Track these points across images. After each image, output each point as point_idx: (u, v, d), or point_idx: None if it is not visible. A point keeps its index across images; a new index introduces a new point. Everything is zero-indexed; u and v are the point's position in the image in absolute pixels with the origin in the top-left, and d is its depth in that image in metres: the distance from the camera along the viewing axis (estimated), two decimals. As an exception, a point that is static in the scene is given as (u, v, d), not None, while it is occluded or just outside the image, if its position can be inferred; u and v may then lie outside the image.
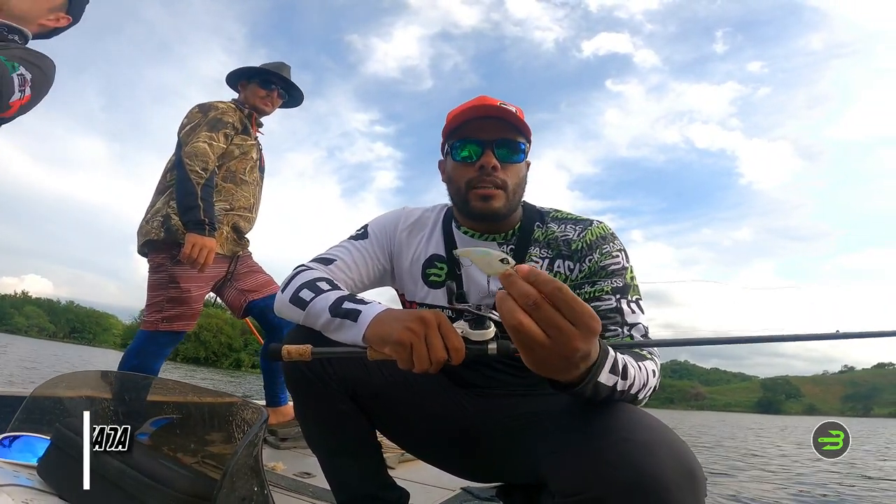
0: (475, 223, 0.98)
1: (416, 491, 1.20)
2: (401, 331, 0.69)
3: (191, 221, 1.70)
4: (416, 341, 0.67)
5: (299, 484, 1.40)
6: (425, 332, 0.68)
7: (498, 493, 1.07)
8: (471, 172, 0.91)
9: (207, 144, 1.78)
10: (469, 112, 0.91)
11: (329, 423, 0.97)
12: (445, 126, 0.96)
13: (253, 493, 0.84)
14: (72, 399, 1.05)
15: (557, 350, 0.54)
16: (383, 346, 0.71)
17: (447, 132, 0.95)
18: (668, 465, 0.59)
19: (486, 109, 0.90)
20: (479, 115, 0.91)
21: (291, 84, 2.07)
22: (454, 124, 0.93)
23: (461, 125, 0.93)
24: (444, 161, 1.00)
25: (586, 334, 0.54)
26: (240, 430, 0.96)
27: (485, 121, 0.91)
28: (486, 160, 0.90)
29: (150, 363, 1.81)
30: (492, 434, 0.95)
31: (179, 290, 1.81)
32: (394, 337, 0.69)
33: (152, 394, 1.08)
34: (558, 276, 0.94)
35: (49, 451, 0.97)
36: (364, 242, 1.02)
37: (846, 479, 4.67)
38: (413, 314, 0.71)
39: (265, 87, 2.01)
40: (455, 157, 0.93)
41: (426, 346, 0.68)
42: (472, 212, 0.93)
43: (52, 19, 1.21)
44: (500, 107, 0.89)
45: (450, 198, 1.00)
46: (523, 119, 0.91)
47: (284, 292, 0.90)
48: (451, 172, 0.96)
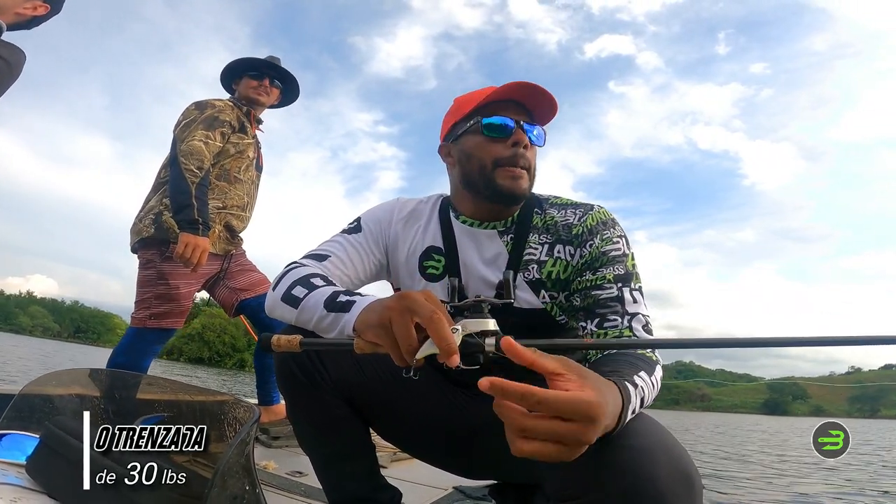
0: (482, 203, 0.95)
1: (408, 490, 1.19)
2: (382, 311, 0.64)
3: (184, 220, 1.69)
4: (394, 316, 0.61)
5: (291, 483, 1.39)
6: (406, 304, 0.61)
7: (490, 492, 1.07)
8: (500, 150, 0.89)
9: (203, 143, 1.77)
10: (511, 90, 0.89)
11: (322, 426, 0.96)
12: (472, 101, 0.92)
13: (244, 491, 0.84)
14: (61, 397, 1.05)
15: (576, 449, 0.51)
16: (368, 331, 0.66)
17: (477, 106, 0.91)
18: (665, 469, 0.58)
19: (530, 89, 0.88)
20: (523, 94, 0.89)
21: (284, 72, 2.05)
22: (492, 98, 0.90)
23: (495, 102, 0.90)
24: (459, 141, 0.95)
25: (587, 423, 0.50)
26: (231, 429, 0.95)
27: (518, 104, 0.91)
28: (520, 137, 0.89)
29: (139, 361, 1.79)
30: (489, 433, 0.94)
31: (168, 286, 1.79)
32: (375, 319, 0.65)
33: (143, 392, 1.08)
34: (559, 262, 0.91)
35: (38, 450, 0.96)
36: (358, 236, 0.99)
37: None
38: (397, 293, 0.66)
39: (257, 77, 2.00)
40: (485, 133, 0.90)
41: (408, 321, 0.60)
42: (498, 190, 0.89)
43: (29, 7, 1.18)
44: (542, 89, 0.88)
45: (460, 178, 0.96)
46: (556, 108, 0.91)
47: (276, 290, 0.86)
48: (472, 149, 0.92)
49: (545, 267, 0.92)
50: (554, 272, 0.91)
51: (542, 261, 0.92)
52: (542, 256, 0.92)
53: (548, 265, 0.92)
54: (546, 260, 0.92)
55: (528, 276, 0.92)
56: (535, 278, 0.91)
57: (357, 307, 0.72)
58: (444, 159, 1.00)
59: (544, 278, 0.91)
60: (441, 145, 1.00)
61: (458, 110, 0.95)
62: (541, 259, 0.92)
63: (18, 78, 1.12)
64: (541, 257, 0.92)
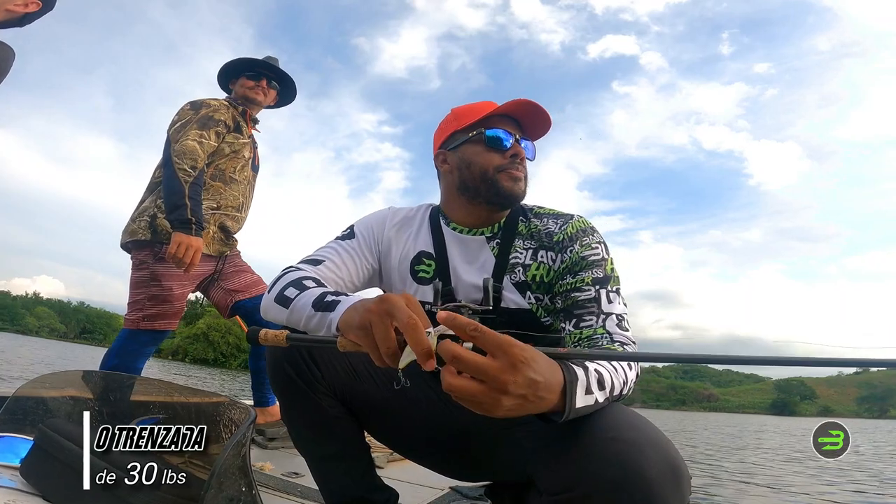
0: (473, 207, 0.99)
1: (405, 490, 1.19)
2: (363, 313, 0.65)
3: (177, 220, 1.67)
4: (374, 319, 0.62)
5: (287, 484, 1.39)
6: (386, 308, 0.61)
7: (486, 492, 1.07)
8: (500, 159, 0.96)
9: (197, 143, 1.76)
10: (514, 106, 0.96)
11: (317, 427, 0.97)
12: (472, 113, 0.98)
13: (241, 493, 0.84)
14: (55, 399, 1.05)
15: (495, 391, 0.55)
16: (350, 331, 0.67)
17: (479, 119, 0.97)
18: (654, 462, 0.60)
19: (531, 108, 0.96)
20: (522, 111, 0.97)
21: (281, 73, 2.04)
22: (495, 113, 0.97)
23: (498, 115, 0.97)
24: (458, 149, 0.99)
25: (507, 365, 0.54)
26: (227, 430, 0.95)
27: (514, 120, 0.98)
28: (518, 150, 0.97)
29: (132, 362, 1.78)
30: (481, 433, 0.95)
31: (161, 288, 1.78)
32: (356, 320, 0.66)
33: (138, 393, 1.08)
34: (542, 266, 0.95)
35: (32, 452, 0.96)
36: (352, 242, 1.02)
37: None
38: (378, 296, 0.67)
39: (254, 78, 2.00)
40: (487, 144, 0.96)
41: (388, 324, 0.61)
42: (501, 191, 0.95)
43: (20, 4, 1.17)
44: (541, 108, 0.95)
45: (456, 184, 0.99)
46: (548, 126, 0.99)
47: (270, 292, 0.88)
48: (473, 157, 0.97)
49: (530, 270, 0.95)
50: (538, 276, 0.95)
51: (526, 264, 0.96)
52: (527, 260, 0.96)
53: (532, 269, 0.95)
54: (530, 264, 0.96)
55: (514, 278, 0.95)
56: (521, 280, 0.95)
57: (342, 306, 0.73)
58: (439, 165, 1.04)
59: (529, 280, 0.95)
60: (438, 152, 1.03)
61: (456, 120, 1.00)
62: (526, 263, 0.96)
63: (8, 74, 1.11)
64: (526, 261, 0.96)
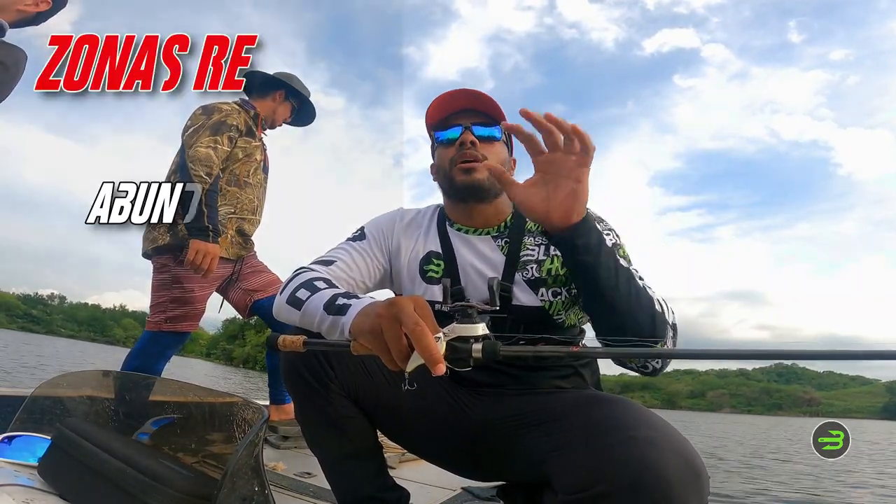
0: (463, 207, 1.00)
1: (417, 490, 1.19)
2: (373, 318, 0.64)
3: (194, 227, 1.69)
4: (384, 324, 0.61)
5: (300, 484, 1.40)
6: (394, 312, 0.60)
7: (499, 493, 1.07)
8: (452, 151, 0.96)
9: (212, 149, 1.77)
10: (444, 104, 0.98)
11: (330, 426, 0.96)
12: (428, 120, 1.01)
13: (254, 493, 0.84)
14: (72, 399, 1.06)
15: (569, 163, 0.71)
16: (361, 336, 0.67)
17: (430, 128, 1.01)
18: (672, 462, 0.60)
19: (456, 98, 0.97)
20: (455, 108, 0.98)
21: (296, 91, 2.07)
22: (434, 118, 0.99)
23: (443, 118, 0.99)
24: (433, 157, 1.04)
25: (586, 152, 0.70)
26: (240, 430, 0.96)
27: (459, 113, 0.98)
28: (465, 136, 0.96)
29: (153, 364, 1.81)
30: (496, 433, 0.94)
31: (183, 290, 1.81)
32: (367, 325, 0.65)
33: (154, 394, 1.09)
34: (556, 259, 0.95)
35: (50, 451, 0.97)
36: (363, 243, 1.02)
37: None
38: (388, 300, 0.66)
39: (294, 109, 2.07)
40: (440, 142, 0.99)
41: (398, 329, 0.60)
42: (457, 186, 0.96)
43: (31, 4, 1.17)
44: (469, 91, 0.96)
45: (440, 187, 1.02)
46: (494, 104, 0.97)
47: (282, 294, 0.88)
48: (437, 161, 1.01)
49: (544, 265, 0.94)
50: (553, 269, 0.94)
51: (540, 260, 0.95)
52: (540, 256, 0.95)
53: (546, 263, 0.95)
54: (544, 259, 0.95)
55: (526, 275, 0.94)
56: (535, 277, 0.94)
57: (352, 311, 0.73)
58: (433, 175, 1.06)
59: (544, 276, 0.94)
60: (431, 164, 1.06)
61: (428, 126, 1.02)
62: (539, 258, 0.95)
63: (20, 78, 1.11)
64: (539, 257, 0.95)
